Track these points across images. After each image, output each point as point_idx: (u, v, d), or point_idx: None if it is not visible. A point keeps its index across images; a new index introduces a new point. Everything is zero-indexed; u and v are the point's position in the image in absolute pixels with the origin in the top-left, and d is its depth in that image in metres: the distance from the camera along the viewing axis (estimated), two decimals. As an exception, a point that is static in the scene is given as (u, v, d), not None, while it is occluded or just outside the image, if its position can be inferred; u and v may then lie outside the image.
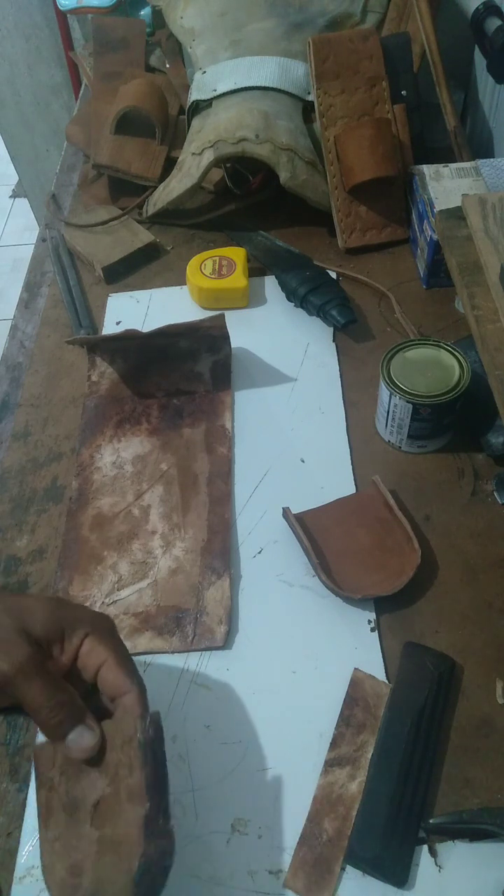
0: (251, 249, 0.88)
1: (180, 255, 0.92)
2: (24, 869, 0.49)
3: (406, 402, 0.63)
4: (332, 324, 0.79)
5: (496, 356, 0.60)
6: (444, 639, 0.57)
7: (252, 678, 0.56)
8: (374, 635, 0.57)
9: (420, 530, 0.63)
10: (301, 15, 0.94)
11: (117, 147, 0.97)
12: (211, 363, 0.76)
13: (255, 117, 0.84)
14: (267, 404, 0.74)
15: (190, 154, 0.88)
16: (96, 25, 1.12)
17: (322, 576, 0.59)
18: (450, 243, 0.70)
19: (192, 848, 0.49)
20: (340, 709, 0.53)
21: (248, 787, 0.51)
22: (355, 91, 0.86)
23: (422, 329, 0.79)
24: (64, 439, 0.74)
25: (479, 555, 0.61)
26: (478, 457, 0.68)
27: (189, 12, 1.01)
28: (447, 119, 0.89)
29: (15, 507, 0.69)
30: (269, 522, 0.65)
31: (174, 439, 0.72)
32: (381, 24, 0.97)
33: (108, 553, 0.64)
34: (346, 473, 0.68)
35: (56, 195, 1.03)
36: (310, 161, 0.86)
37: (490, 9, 0.86)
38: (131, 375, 0.76)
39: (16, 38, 1.59)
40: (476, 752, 0.51)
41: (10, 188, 2.67)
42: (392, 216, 0.89)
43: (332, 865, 0.47)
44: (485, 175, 0.79)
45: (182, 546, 0.64)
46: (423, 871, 0.47)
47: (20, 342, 0.85)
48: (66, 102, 1.71)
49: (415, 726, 0.51)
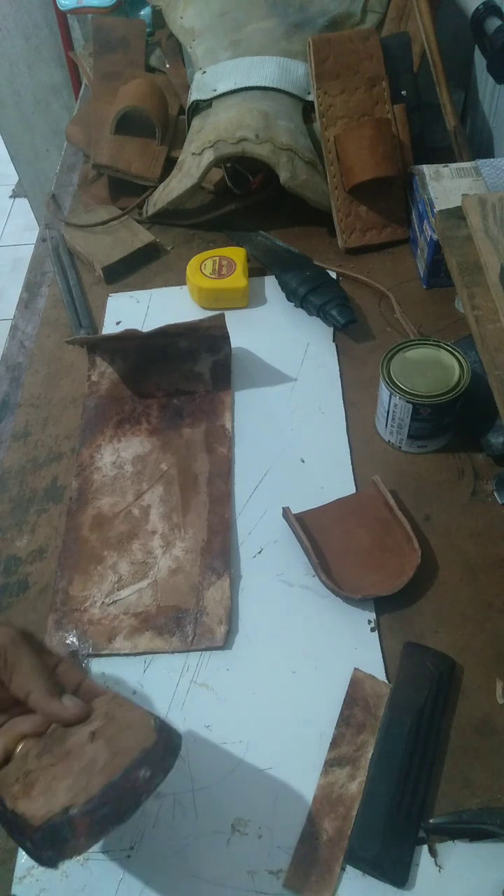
0: (251, 249, 0.88)
1: (180, 255, 0.92)
2: (24, 869, 0.49)
3: (406, 402, 0.63)
4: (332, 324, 0.79)
5: (496, 356, 0.60)
6: (444, 639, 0.57)
7: (252, 678, 0.56)
8: (374, 635, 0.57)
9: (420, 530, 0.63)
10: (301, 15, 0.94)
11: (117, 147, 0.97)
12: (211, 363, 0.76)
13: (255, 117, 0.84)
14: (267, 404, 0.74)
15: (190, 154, 0.88)
16: (96, 25, 1.12)
17: (322, 576, 0.59)
18: (450, 243, 0.70)
19: (192, 848, 0.49)
20: (340, 709, 0.53)
21: (248, 787, 0.51)
22: (355, 91, 0.86)
23: (422, 329, 0.79)
24: (64, 439, 0.74)
25: (479, 555, 0.61)
26: (478, 457, 0.68)
27: (189, 12, 1.01)
28: (447, 119, 0.89)
29: (15, 507, 0.69)
30: (269, 522, 0.65)
31: (174, 439, 0.72)
32: (381, 24, 0.97)
33: (108, 553, 0.64)
34: (346, 473, 0.68)
35: (56, 195, 1.03)
36: (310, 161, 0.86)
37: (490, 9, 0.86)
38: (131, 375, 0.76)
39: (16, 38, 1.59)
40: (476, 752, 0.51)
41: (10, 188, 2.67)
42: (392, 216, 0.89)
43: (332, 865, 0.47)
44: (485, 175, 0.79)
45: (182, 546, 0.64)
46: (423, 871, 0.47)
47: (20, 342, 0.85)
48: (66, 102, 1.71)
49: (415, 726, 0.51)
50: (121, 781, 0.38)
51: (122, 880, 0.48)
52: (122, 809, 0.38)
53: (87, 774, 0.39)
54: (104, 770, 0.39)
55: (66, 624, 0.60)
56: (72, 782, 0.39)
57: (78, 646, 0.58)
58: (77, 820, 0.37)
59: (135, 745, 0.40)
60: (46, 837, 0.37)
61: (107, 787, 0.38)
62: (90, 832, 0.37)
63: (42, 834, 0.37)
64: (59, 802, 0.38)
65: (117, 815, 0.38)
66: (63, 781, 0.39)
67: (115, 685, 0.56)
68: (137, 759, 0.39)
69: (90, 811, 0.37)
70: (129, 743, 0.40)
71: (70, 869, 0.48)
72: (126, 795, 0.38)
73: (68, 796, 0.38)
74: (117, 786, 0.38)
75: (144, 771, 0.39)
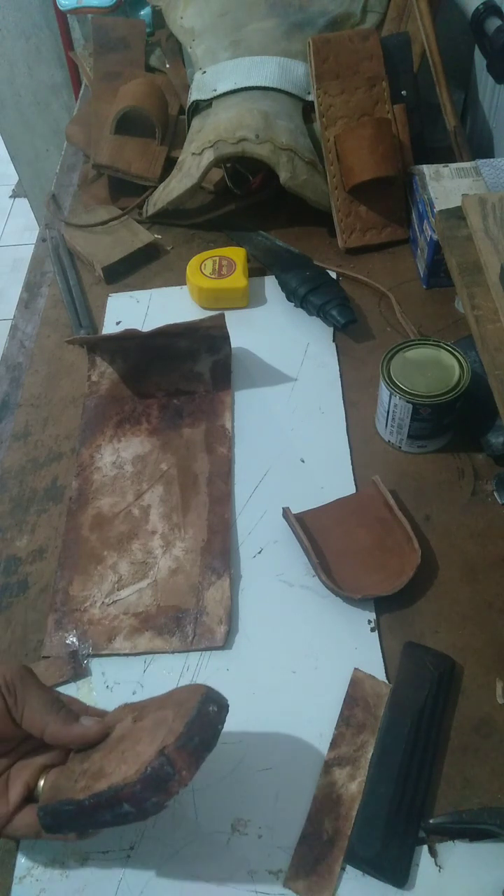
0: (251, 249, 0.88)
1: (180, 255, 0.92)
2: (24, 869, 0.49)
3: (406, 402, 0.63)
4: (332, 324, 0.79)
5: (496, 356, 0.60)
6: (444, 639, 0.57)
7: (252, 678, 0.56)
8: (374, 635, 0.57)
9: (420, 530, 0.63)
10: (301, 15, 0.94)
11: (117, 147, 0.97)
12: (211, 363, 0.76)
13: (255, 117, 0.84)
14: (267, 404, 0.74)
15: (190, 154, 0.88)
16: (96, 25, 1.12)
17: (322, 576, 0.59)
18: (450, 243, 0.70)
19: (192, 848, 0.49)
20: (340, 709, 0.53)
21: (248, 787, 0.51)
22: (355, 91, 0.86)
23: (422, 329, 0.79)
24: (64, 439, 0.74)
25: (479, 555, 0.61)
26: (478, 457, 0.68)
27: (189, 12, 1.01)
28: (447, 119, 0.89)
29: (15, 507, 0.69)
30: (269, 522, 0.65)
31: (174, 439, 0.72)
32: (381, 24, 0.97)
33: (108, 553, 0.64)
34: (346, 473, 0.68)
35: (56, 195, 1.03)
36: (310, 161, 0.86)
37: (490, 9, 0.86)
38: (131, 375, 0.76)
39: (16, 38, 1.59)
40: (476, 752, 0.51)
41: (10, 188, 2.67)
42: (392, 216, 0.89)
43: (332, 865, 0.47)
44: (485, 175, 0.79)
45: (182, 546, 0.64)
46: (423, 871, 0.47)
47: (20, 342, 0.85)
48: (66, 102, 1.71)
49: (415, 726, 0.51)
50: (198, 717, 0.42)
51: (122, 880, 0.48)
52: (208, 738, 0.41)
53: (163, 727, 0.42)
54: (178, 717, 0.42)
55: (66, 624, 0.60)
56: (150, 739, 0.42)
57: (78, 646, 0.58)
58: (174, 754, 0.40)
59: (190, 695, 0.44)
60: (150, 783, 0.40)
61: (189, 723, 0.41)
62: (190, 761, 0.40)
63: (144, 783, 0.40)
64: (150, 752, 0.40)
65: (206, 744, 0.41)
66: (139, 745, 0.42)
67: (115, 685, 0.56)
68: (203, 698, 0.43)
69: (183, 744, 0.40)
70: (184, 696, 0.44)
71: (70, 869, 0.48)
72: (206, 726, 0.42)
73: (155, 745, 0.41)
74: (197, 720, 0.41)
75: (212, 706, 0.42)
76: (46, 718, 0.44)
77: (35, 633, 0.60)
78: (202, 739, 0.41)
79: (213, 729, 0.42)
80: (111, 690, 0.56)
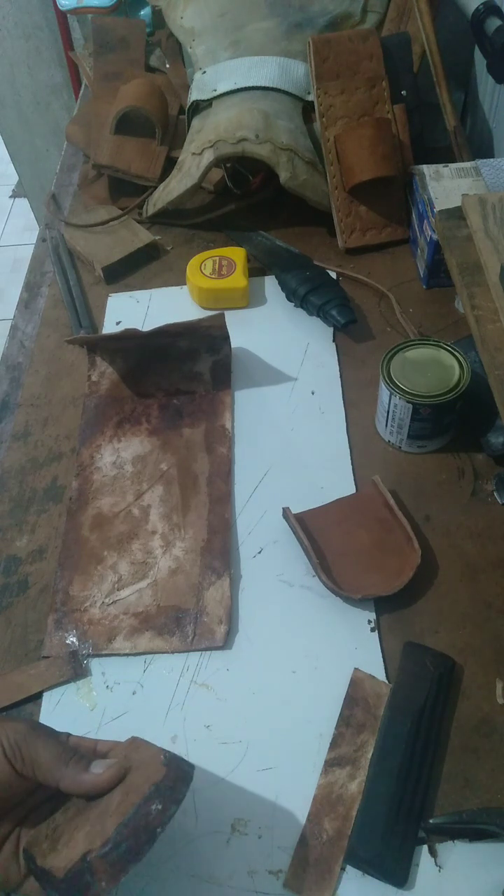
0: (251, 249, 0.88)
1: (180, 255, 0.92)
2: (24, 869, 0.49)
3: (406, 402, 0.63)
4: (332, 324, 0.79)
5: (496, 356, 0.60)
6: (444, 639, 0.57)
7: (252, 678, 0.56)
8: (374, 635, 0.57)
9: (420, 530, 0.63)
10: (301, 15, 0.94)
11: (117, 147, 0.97)
12: (211, 363, 0.76)
13: (255, 117, 0.84)
14: (267, 404, 0.74)
15: (190, 154, 0.88)
16: (96, 25, 1.12)
17: (322, 576, 0.59)
18: (450, 243, 0.70)
19: (192, 848, 0.49)
20: (340, 709, 0.53)
21: (248, 787, 0.51)
22: (355, 91, 0.86)
23: (422, 329, 0.79)
24: (64, 439, 0.74)
25: (479, 555, 0.61)
26: (478, 457, 0.68)
27: (189, 12, 1.01)
28: (447, 119, 0.89)
29: (15, 507, 0.69)
30: (269, 522, 0.65)
31: (174, 439, 0.72)
32: (381, 24, 0.97)
33: (108, 553, 0.64)
34: (346, 473, 0.68)
35: (56, 195, 1.03)
36: (310, 161, 0.86)
37: (490, 9, 0.86)
38: (131, 375, 0.76)
39: (16, 38, 1.59)
40: (476, 752, 0.51)
41: (10, 188, 2.67)
42: (392, 216, 0.89)
43: (332, 865, 0.47)
44: (485, 175, 0.79)
45: (182, 546, 0.64)
46: (423, 871, 0.47)
47: (20, 342, 0.85)
48: (66, 102, 1.71)
49: (415, 726, 0.51)
50: (133, 819, 0.39)
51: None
52: (139, 846, 0.39)
53: (102, 819, 0.40)
54: (117, 811, 0.40)
55: (66, 624, 0.60)
56: (89, 829, 0.40)
57: (78, 646, 0.58)
58: (97, 862, 0.38)
59: (144, 781, 0.41)
60: (71, 887, 0.39)
61: (120, 827, 0.39)
62: (111, 872, 0.38)
63: (66, 884, 0.39)
64: (79, 850, 0.39)
65: (134, 853, 0.38)
66: (82, 830, 0.41)
67: (115, 685, 0.56)
68: (147, 795, 0.40)
69: (106, 853, 0.38)
70: (140, 780, 0.41)
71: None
72: (140, 831, 0.39)
73: (86, 843, 0.39)
74: (130, 824, 0.39)
75: (156, 805, 0.39)
76: (57, 775, 0.43)
77: (35, 633, 0.60)
78: (130, 847, 0.38)
79: (149, 834, 0.39)
80: (111, 690, 0.56)
